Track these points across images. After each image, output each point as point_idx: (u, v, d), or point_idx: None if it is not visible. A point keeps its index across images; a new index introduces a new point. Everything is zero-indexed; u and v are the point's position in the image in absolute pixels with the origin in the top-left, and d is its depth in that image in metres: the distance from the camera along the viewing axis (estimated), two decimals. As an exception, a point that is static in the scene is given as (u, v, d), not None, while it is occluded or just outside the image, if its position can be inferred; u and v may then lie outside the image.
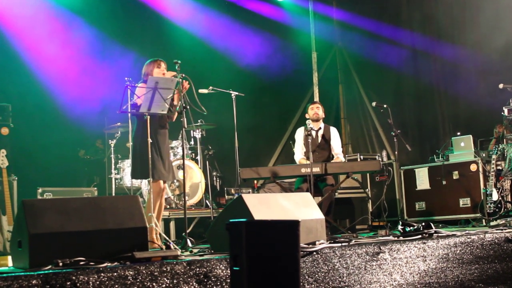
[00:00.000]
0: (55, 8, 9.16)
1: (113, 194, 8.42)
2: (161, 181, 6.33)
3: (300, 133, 8.10)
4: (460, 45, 10.72)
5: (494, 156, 8.03)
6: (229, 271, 3.92)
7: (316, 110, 7.96)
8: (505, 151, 8.12)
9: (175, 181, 8.50)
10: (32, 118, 8.85)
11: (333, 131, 8.08)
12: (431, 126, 11.34)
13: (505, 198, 7.83)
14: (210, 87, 7.79)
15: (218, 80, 8.54)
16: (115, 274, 3.63)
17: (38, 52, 8.92)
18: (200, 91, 7.88)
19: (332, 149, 7.96)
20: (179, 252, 4.55)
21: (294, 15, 12.32)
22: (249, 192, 9.35)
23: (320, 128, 7.95)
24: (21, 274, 3.42)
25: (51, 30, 9.04)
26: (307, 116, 8.02)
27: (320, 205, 7.15)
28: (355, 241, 5.27)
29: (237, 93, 7.78)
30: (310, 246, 4.76)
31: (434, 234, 5.62)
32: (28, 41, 8.87)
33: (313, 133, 7.78)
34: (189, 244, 5.62)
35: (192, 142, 9.31)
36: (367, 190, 9.57)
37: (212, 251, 5.05)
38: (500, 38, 9.85)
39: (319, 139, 7.92)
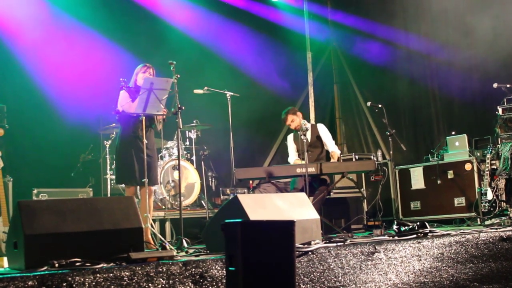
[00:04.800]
0: (51, 9, 9.13)
1: (109, 195, 8.41)
2: (134, 187, 6.37)
3: (290, 139, 8.15)
4: (454, 45, 10.73)
5: (488, 156, 8.06)
6: (224, 272, 3.92)
7: (290, 123, 7.93)
8: (500, 150, 8.15)
9: (170, 181, 8.50)
10: (27, 119, 8.80)
11: (321, 127, 8.07)
12: (425, 125, 11.35)
13: (499, 197, 7.87)
14: (205, 88, 7.81)
15: (213, 81, 8.54)
16: (111, 275, 3.63)
17: (33, 52, 8.89)
18: (195, 91, 7.91)
19: (325, 145, 7.96)
20: (174, 253, 4.56)
21: (288, 15, 12.34)
22: (244, 192, 9.36)
23: (307, 129, 7.91)
24: (17, 275, 3.42)
25: (47, 31, 9.01)
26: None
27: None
28: (350, 241, 5.29)
29: (232, 93, 7.79)
30: (306, 246, 4.78)
31: (429, 234, 5.64)
32: (24, 41, 8.83)
33: (302, 136, 7.80)
34: (185, 244, 5.62)
35: (187, 143, 9.30)
36: (362, 189, 9.57)
37: (208, 252, 5.06)
38: (495, 38, 9.87)
39: (309, 139, 7.90)
